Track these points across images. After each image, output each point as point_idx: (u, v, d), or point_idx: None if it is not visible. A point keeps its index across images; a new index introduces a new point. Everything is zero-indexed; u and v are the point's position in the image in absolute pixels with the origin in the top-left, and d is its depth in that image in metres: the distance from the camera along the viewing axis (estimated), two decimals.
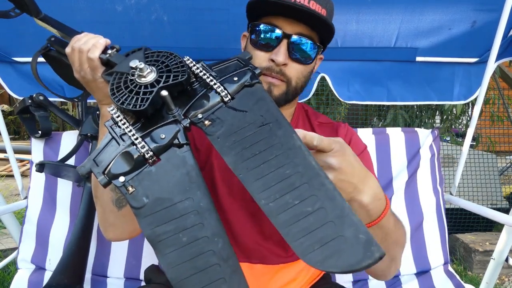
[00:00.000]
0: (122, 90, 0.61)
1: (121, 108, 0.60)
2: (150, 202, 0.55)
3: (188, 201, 0.55)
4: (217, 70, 0.67)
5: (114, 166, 0.57)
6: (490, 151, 3.23)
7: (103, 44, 0.74)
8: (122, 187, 0.56)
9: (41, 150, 1.38)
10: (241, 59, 0.68)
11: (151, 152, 0.57)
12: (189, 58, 0.66)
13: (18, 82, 1.44)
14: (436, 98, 1.52)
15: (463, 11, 1.32)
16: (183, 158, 0.58)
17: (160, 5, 1.28)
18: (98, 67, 0.73)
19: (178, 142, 0.59)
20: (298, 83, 0.87)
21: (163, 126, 0.60)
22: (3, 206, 1.33)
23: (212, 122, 0.60)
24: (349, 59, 1.47)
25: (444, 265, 1.36)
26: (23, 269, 1.34)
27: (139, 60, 0.62)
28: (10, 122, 6.22)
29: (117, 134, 0.60)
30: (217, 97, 0.62)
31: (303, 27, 0.82)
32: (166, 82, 0.61)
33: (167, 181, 0.57)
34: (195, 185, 0.56)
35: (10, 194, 3.76)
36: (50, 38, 0.87)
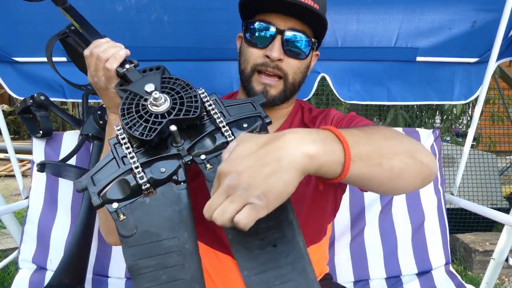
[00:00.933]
0: (132, 114, 0.61)
1: (127, 131, 0.59)
2: (138, 233, 0.55)
3: (174, 240, 0.55)
4: (229, 109, 0.66)
5: (110, 191, 0.57)
6: (491, 151, 3.23)
7: (123, 57, 0.74)
8: (114, 213, 0.56)
9: (42, 150, 1.38)
10: (254, 103, 0.67)
11: (149, 184, 0.57)
12: (204, 91, 0.66)
13: (18, 82, 1.44)
14: (437, 98, 1.52)
15: (463, 11, 1.32)
16: (178, 195, 0.58)
17: (160, 5, 1.28)
18: (113, 78, 0.73)
19: (177, 179, 0.59)
20: (296, 79, 0.87)
21: (165, 159, 0.59)
22: (4, 206, 1.33)
23: (213, 167, 0.60)
24: (349, 59, 1.47)
25: (445, 265, 1.36)
26: (24, 269, 1.34)
27: (155, 86, 0.62)
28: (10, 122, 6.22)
29: (119, 155, 0.60)
30: (223, 140, 0.61)
31: (296, 22, 0.83)
32: (177, 115, 0.60)
33: (158, 215, 0.57)
34: (184, 225, 0.56)
35: (10, 194, 3.76)
36: (69, 26, 0.87)
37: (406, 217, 1.38)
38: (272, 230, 0.54)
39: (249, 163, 0.49)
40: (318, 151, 0.50)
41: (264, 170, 0.48)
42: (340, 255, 1.35)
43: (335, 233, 1.35)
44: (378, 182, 0.58)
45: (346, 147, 0.52)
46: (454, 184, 1.52)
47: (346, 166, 0.52)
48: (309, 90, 1.50)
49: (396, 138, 0.60)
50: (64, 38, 0.89)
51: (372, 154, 0.55)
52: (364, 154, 0.54)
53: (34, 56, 1.39)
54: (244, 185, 0.48)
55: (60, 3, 0.84)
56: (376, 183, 0.58)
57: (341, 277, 1.34)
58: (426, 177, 0.63)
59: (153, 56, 1.39)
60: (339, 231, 1.35)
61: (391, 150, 0.57)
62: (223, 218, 0.48)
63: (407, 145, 0.61)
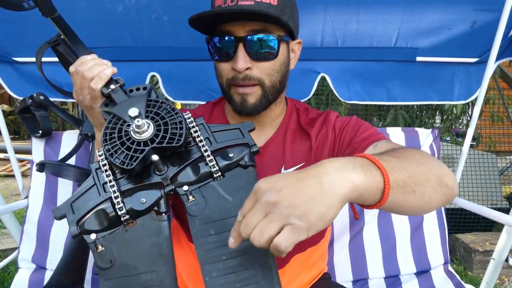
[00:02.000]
0: (114, 140, 0.59)
1: (108, 159, 0.58)
2: (116, 265, 0.54)
3: (152, 274, 0.54)
4: (217, 135, 0.63)
5: (88, 221, 0.55)
6: (490, 151, 3.23)
7: (108, 76, 0.71)
8: (91, 244, 0.55)
9: (41, 149, 1.38)
10: (242, 130, 0.65)
11: (128, 215, 0.56)
12: (190, 115, 0.64)
13: (18, 82, 1.44)
14: (436, 98, 1.51)
15: (463, 11, 1.32)
16: (159, 227, 0.56)
17: (160, 5, 1.28)
18: (98, 97, 0.71)
19: (158, 210, 0.57)
20: (273, 80, 0.82)
21: (146, 189, 0.58)
22: (3, 206, 1.33)
23: (195, 199, 0.58)
24: (349, 59, 1.47)
25: (444, 265, 1.36)
26: (23, 268, 1.34)
27: (139, 111, 0.60)
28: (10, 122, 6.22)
29: (100, 181, 0.58)
30: (207, 169, 0.59)
31: (255, 23, 0.77)
32: (160, 143, 0.58)
33: (137, 248, 0.55)
34: (163, 259, 0.55)
35: (10, 194, 3.76)
36: (59, 34, 0.86)
37: (405, 216, 1.38)
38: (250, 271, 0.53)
39: (290, 183, 0.48)
40: (360, 177, 0.50)
41: (306, 191, 0.47)
42: (339, 255, 1.35)
43: (334, 233, 1.35)
44: (410, 208, 0.59)
45: (385, 173, 0.52)
46: None
47: (386, 192, 0.52)
48: (309, 90, 1.50)
49: (427, 163, 0.60)
50: (55, 45, 0.88)
51: (407, 181, 0.55)
52: (400, 180, 0.54)
53: (34, 56, 1.39)
54: (285, 203, 0.46)
55: (47, 14, 0.82)
56: (408, 208, 0.59)
57: (340, 276, 1.34)
58: (448, 198, 0.65)
59: (153, 56, 1.39)
60: (338, 231, 1.35)
61: (423, 177, 0.58)
62: (261, 239, 0.45)
63: (436, 170, 0.61)
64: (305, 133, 0.91)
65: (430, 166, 0.61)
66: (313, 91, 1.52)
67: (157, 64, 1.42)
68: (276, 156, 0.87)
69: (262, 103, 0.83)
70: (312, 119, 0.94)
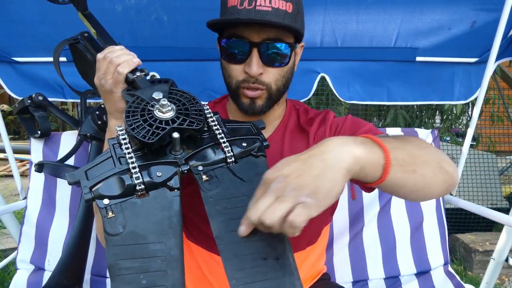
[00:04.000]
0: (137, 116, 0.62)
1: (130, 133, 0.60)
2: (125, 233, 0.55)
3: (160, 245, 0.55)
4: (230, 129, 0.68)
5: (103, 186, 0.57)
6: (490, 151, 3.23)
7: (136, 64, 0.75)
8: (103, 209, 0.56)
9: (40, 150, 1.38)
10: (255, 126, 0.69)
11: (143, 185, 0.57)
12: (208, 107, 0.68)
13: (18, 82, 1.44)
14: (437, 98, 1.51)
15: (463, 11, 1.31)
16: (170, 201, 0.58)
17: (160, 5, 1.28)
18: (120, 82, 0.74)
19: (171, 185, 0.59)
20: (279, 85, 0.85)
21: (162, 164, 0.60)
22: (3, 206, 1.33)
23: (209, 179, 0.61)
24: (349, 59, 1.47)
25: (444, 266, 1.36)
26: (22, 269, 1.34)
27: (163, 94, 0.64)
28: (10, 122, 6.22)
29: (117, 155, 0.61)
30: (222, 155, 0.63)
31: (270, 30, 0.79)
32: (180, 124, 0.62)
33: (147, 218, 0.57)
34: (172, 232, 0.56)
35: (10, 194, 3.76)
36: (83, 33, 0.89)
37: (404, 217, 1.38)
38: (263, 243, 0.55)
39: (294, 167, 0.51)
40: (361, 151, 0.53)
41: (311, 171, 0.50)
42: (339, 256, 1.35)
43: (334, 234, 1.35)
44: (411, 189, 0.60)
45: (386, 150, 0.55)
46: None
47: (386, 168, 0.54)
48: (309, 90, 1.50)
49: (426, 148, 0.64)
50: (74, 43, 0.91)
51: (407, 161, 0.57)
52: (400, 159, 0.56)
53: (34, 56, 1.39)
54: (293, 185, 0.49)
55: (81, 9, 0.87)
56: (409, 189, 0.60)
57: (340, 277, 1.33)
58: (449, 186, 0.66)
59: (153, 56, 1.39)
60: (338, 232, 1.35)
61: (423, 159, 0.60)
62: (273, 216, 0.47)
63: (436, 155, 0.64)
64: (304, 132, 0.93)
65: (430, 151, 0.63)
66: (313, 91, 1.51)
67: (157, 64, 1.42)
68: (274, 154, 0.88)
69: (268, 105, 0.86)
70: (311, 119, 0.96)
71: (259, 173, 0.59)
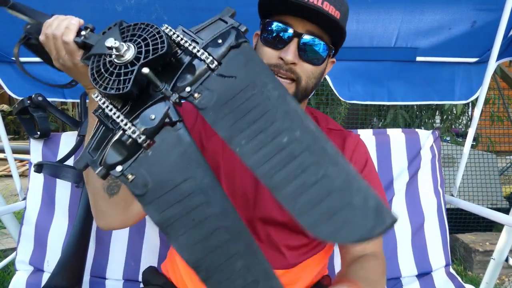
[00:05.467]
0: (102, 74, 0.58)
1: (104, 93, 0.57)
2: (152, 187, 0.53)
3: (190, 180, 0.53)
4: (201, 34, 0.62)
5: (109, 156, 0.55)
6: (490, 151, 3.23)
7: (76, 25, 0.70)
8: (121, 177, 0.54)
9: (39, 150, 1.37)
10: (223, 18, 0.64)
11: (143, 136, 0.55)
12: (168, 26, 0.62)
13: (18, 82, 1.43)
14: (437, 98, 1.51)
15: (463, 11, 1.31)
16: (178, 137, 0.55)
17: (160, 5, 1.27)
18: (75, 51, 0.69)
19: (170, 121, 0.56)
20: (308, 83, 0.85)
21: (151, 106, 0.57)
22: (3, 207, 1.32)
23: (201, 94, 0.57)
24: (349, 59, 1.46)
25: (445, 267, 1.36)
26: (21, 270, 1.34)
27: (115, 39, 0.58)
28: (10, 122, 6.22)
29: (108, 122, 0.57)
30: (203, 65, 0.58)
31: (314, 27, 0.81)
32: (146, 57, 0.57)
33: (165, 163, 0.54)
34: (194, 163, 0.54)
35: (10, 194, 3.75)
36: (25, 26, 0.82)
37: (405, 218, 1.37)
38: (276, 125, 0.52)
39: None
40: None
41: None
42: (339, 258, 1.34)
43: None
44: None
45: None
46: (454, 185, 1.52)
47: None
48: None
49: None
50: (26, 41, 0.84)
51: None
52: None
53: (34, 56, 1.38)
54: None
55: (3, 4, 0.80)
56: None
57: None
58: None
59: None
60: None
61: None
62: None
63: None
64: None
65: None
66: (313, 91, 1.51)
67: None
68: None
69: None
70: (331, 130, 0.97)
71: (249, 60, 0.58)
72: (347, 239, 0.42)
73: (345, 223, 0.42)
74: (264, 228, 0.88)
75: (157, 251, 1.35)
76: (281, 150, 0.49)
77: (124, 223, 0.83)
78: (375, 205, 0.43)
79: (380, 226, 0.41)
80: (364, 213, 0.42)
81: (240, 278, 0.48)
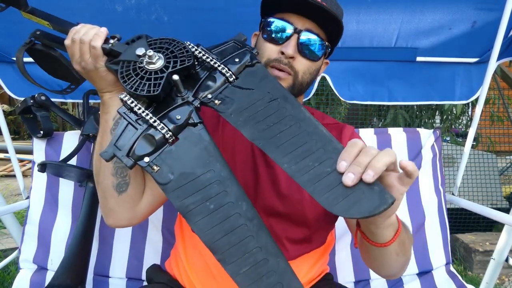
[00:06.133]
0: (132, 77, 0.65)
1: (134, 94, 0.64)
2: (175, 177, 0.61)
3: (209, 173, 0.61)
4: (216, 53, 0.71)
5: (138, 148, 0.62)
6: (490, 151, 3.23)
7: (105, 34, 0.76)
8: (147, 167, 0.61)
9: (42, 150, 1.38)
10: (237, 41, 0.73)
11: (170, 132, 0.63)
12: (190, 43, 0.71)
13: (17, 83, 1.44)
14: (438, 98, 1.52)
15: (463, 11, 1.32)
16: (199, 135, 0.64)
17: (160, 5, 1.28)
18: (100, 56, 0.74)
19: (193, 121, 0.64)
20: (304, 79, 0.89)
21: (176, 108, 0.65)
22: (4, 207, 1.33)
23: (222, 101, 0.66)
24: (349, 59, 1.47)
25: (446, 266, 1.36)
26: (25, 269, 1.34)
27: (145, 48, 0.67)
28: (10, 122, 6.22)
29: (132, 119, 0.64)
30: (222, 78, 0.67)
31: (313, 24, 0.86)
32: (174, 67, 0.65)
33: (187, 157, 0.62)
34: (213, 158, 0.62)
35: (10, 194, 3.76)
36: (35, 32, 0.85)
37: (406, 217, 1.38)
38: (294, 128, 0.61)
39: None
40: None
41: None
42: (341, 255, 1.35)
43: (336, 234, 1.35)
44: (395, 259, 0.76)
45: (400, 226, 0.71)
46: (454, 184, 1.53)
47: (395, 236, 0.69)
48: (309, 90, 1.50)
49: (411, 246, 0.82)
50: (31, 46, 0.87)
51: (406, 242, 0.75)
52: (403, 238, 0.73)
53: None
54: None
55: (23, 8, 0.84)
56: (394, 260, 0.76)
57: (342, 277, 1.34)
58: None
59: None
60: (340, 231, 1.35)
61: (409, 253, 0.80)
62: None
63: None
64: None
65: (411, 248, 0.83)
66: (313, 91, 1.51)
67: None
68: None
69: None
70: (328, 125, 0.99)
71: (263, 77, 0.67)
72: (357, 214, 0.52)
73: (356, 203, 0.53)
74: (267, 219, 0.90)
75: (160, 249, 1.36)
76: (300, 147, 0.59)
77: (132, 220, 0.86)
78: (379, 189, 0.53)
79: (383, 204, 0.52)
80: (371, 195, 0.53)
81: (252, 256, 0.55)
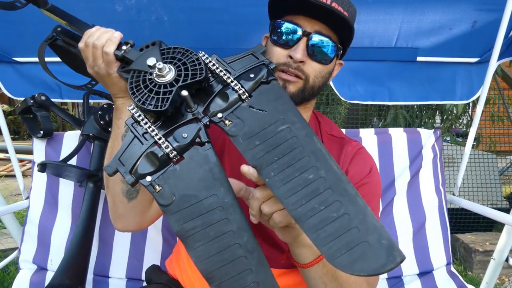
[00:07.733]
0: (141, 89, 0.62)
1: (141, 108, 0.61)
2: (177, 199, 0.57)
3: (213, 197, 0.57)
4: (233, 64, 0.67)
5: (140, 166, 0.59)
6: (491, 151, 3.23)
7: (118, 39, 0.74)
8: (149, 186, 0.58)
9: (42, 150, 1.38)
10: (255, 54, 0.68)
11: (175, 151, 0.59)
12: (204, 53, 0.66)
13: (16, 83, 1.44)
14: (439, 98, 1.52)
15: (463, 11, 1.32)
16: (205, 156, 0.60)
17: (160, 5, 1.28)
18: (113, 62, 0.73)
19: (200, 141, 0.61)
20: (316, 82, 0.86)
21: (184, 125, 0.61)
22: (4, 207, 1.33)
23: (232, 122, 0.61)
24: (350, 59, 1.46)
25: (446, 266, 1.36)
26: (24, 269, 1.34)
27: (157, 59, 0.63)
28: (10, 122, 6.22)
29: (139, 132, 0.61)
30: (235, 95, 0.63)
31: (323, 26, 0.82)
32: (185, 81, 0.62)
33: (191, 179, 0.59)
34: (218, 182, 0.58)
35: (10, 194, 3.75)
36: (56, 28, 0.86)
37: (407, 217, 1.38)
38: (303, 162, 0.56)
39: None
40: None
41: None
42: None
43: None
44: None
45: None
46: (455, 184, 1.52)
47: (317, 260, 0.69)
48: None
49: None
50: (53, 42, 0.88)
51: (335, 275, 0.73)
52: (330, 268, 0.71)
53: (34, 56, 1.39)
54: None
55: (41, 5, 0.84)
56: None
57: None
58: None
59: None
60: None
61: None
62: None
63: None
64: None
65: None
66: None
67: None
68: None
69: (298, 96, 0.86)
70: (332, 136, 0.97)
71: (278, 97, 0.62)
72: (361, 271, 0.47)
73: (360, 258, 0.48)
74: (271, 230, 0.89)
75: (160, 249, 1.36)
76: (307, 186, 0.54)
77: (141, 225, 0.86)
78: (387, 244, 0.48)
79: (390, 263, 0.47)
80: (378, 250, 0.48)
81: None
